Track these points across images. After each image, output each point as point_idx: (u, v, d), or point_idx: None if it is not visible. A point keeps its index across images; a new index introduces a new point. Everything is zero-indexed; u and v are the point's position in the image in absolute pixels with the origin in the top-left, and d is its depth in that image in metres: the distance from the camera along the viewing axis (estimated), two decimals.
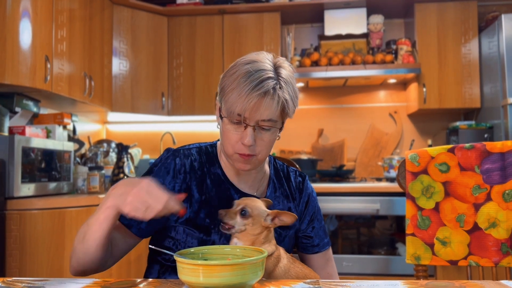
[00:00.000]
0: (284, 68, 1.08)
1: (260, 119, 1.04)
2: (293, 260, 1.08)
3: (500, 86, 3.02)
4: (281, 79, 1.05)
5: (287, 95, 1.05)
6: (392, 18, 3.73)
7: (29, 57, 2.34)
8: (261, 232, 1.00)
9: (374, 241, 3.32)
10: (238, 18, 3.57)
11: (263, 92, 1.01)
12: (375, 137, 3.76)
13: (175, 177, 1.12)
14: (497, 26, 3.04)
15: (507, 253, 1.22)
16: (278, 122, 1.07)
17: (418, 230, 1.30)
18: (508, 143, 1.26)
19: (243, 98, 1.01)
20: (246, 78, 1.02)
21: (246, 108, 1.01)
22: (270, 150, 1.11)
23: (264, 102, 1.02)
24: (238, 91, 1.02)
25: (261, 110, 1.02)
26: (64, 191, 2.64)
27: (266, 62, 1.06)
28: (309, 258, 1.25)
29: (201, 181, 1.13)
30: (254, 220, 0.98)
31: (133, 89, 3.45)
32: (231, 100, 1.03)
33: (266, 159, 1.24)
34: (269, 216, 1.01)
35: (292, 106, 1.08)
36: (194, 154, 1.16)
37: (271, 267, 0.99)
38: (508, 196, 1.23)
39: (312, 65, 3.41)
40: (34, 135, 2.47)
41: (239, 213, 0.99)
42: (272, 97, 1.02)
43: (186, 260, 0.80)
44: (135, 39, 3.47)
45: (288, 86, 1.06)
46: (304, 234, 1.24)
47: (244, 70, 1.04)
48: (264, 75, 1.02)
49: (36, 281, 0.94)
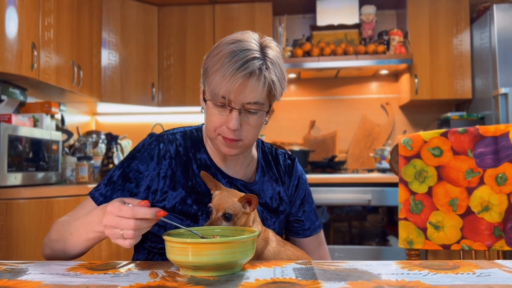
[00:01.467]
0: (271, 48, 1.03)
1: (246, 102, 0.99)
2: (284, 243, 1.05)
3: (491, 77, 3.03)
4: (267, 59, 1.00)
5: (274, 76, 1.00)
6: (384, 8, 3.71)
7: (15, 43, 2.29)
8: (246, 219, 0.97)
9: (365, 233, 3.32)
10: (230, 8, 3.53)
11: (248, 73, 0.96)
12: (366, 128, 3.75)
13: (159, 163, 1.07)
14: (489, 17, 3.04)
15: (499, 237, 1.22)
16: (265, 105, 1.02)
17: (410, 215, 1.28)
18: (501, 127, 1.25)
19: (227, 79, 0.96)
20: (231, 58, 0.97)
21: (231, 90, 0.96)
22: (258, 134, 1.07)
23: (249, 84, 0.96)
24: (222, 72, 0.97)
25: (246, 92, 0.97)
26: (52, 181, 2.60)
27: (251, 41, 1.01)
28: (301, 242, 1.23)
29: (187, 167, 1.09)
30: (237, 215, 0.96)
31: (122, 79, 3.40)
32: (215, 82, 0.98)
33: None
34: (245, 203, 0.97)
35: (280, 88, 1.03)
36: (179, 139, 1.12)
37: (260, 249, 0.97)
38: (501, 180, 1.23)
39: (304, 55, 3.39)
40: (20, 124, 2.42)
41: (222, 219, 0.95)
42: (258, 78, 0.97)
43: (175, 239, 0.78)
44: (125, 28, 3.42)
45: (275, 67, 1.01)
46: (295, 218, 1.22)
47: (228, 50, 0.98)
48: (250, 55, 0.97)
49: (19, 264, 0.91)
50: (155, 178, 1.07)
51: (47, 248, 1.05)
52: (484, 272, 0.79)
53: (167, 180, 1.07)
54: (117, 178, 1.07)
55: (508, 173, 1.21)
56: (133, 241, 0.84)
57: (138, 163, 1.07)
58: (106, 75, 3.32)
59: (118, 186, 1.06)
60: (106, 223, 0.84)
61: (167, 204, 1.06)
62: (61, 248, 1.01)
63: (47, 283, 0.75)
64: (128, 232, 0.83)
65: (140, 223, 0.83)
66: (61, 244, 1.00)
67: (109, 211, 0.84)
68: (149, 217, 0.83)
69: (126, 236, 0.83)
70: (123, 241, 0.84)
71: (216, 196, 0.99)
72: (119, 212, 0.83)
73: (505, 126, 1.25)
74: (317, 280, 0.75)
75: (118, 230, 0.83)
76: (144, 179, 1.06)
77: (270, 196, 1.15)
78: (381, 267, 0.84)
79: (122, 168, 1.08)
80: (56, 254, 1.03)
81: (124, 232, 0.83)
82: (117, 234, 0.84)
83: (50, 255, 1.04)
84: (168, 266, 0.87)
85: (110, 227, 0.84)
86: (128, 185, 1.06)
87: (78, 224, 0.97)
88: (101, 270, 0.84)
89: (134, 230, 0.83)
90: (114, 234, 0.84)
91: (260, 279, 0.76)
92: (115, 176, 1.07)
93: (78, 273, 0.82)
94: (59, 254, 1.02)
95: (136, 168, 1.07)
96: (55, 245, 1.02)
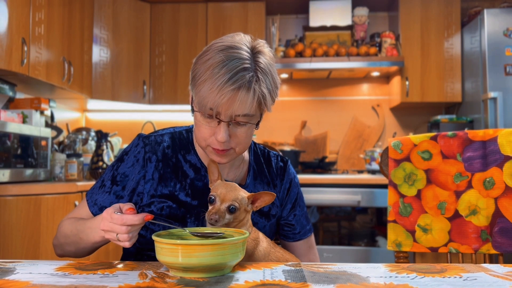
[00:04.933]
0: (263, 54, 0.99)
1: (235, 114, 0.95)
2: (274, 245, 1.06)
3: (481, 81, 3.06)
4: (258, 70, 0.95)
5: (264, 88, 0.96)
6: (377, 11, 3.73)
7: (5, 39, 2.26)
8: (244, 217, 0.97)
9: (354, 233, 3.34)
10: (223, 6, 3.52)
11: (237, 87, 0.92)
12: (357, 129, 3.77)
13: (145, 166, 1.07)
14: (479, 21, 3.07)
15: (486, 240, 1.23)
16: (254, 116, 0.99)
17: (399, 217, 1.30)
18: (489, 132, 1.27)
19: (215, 92, 0.92)
20: (219, 69, 0.92)
21: (219, 103, 0.92)
22: (249, 142, 1.04)
23: (238, 97, 0.93)
24: (210, 84, 0.92)
25: (235, 105, 0.93)
26: (40, 178, 2.57)
27: (243, 48, 0.96)
28: (291, 245, 1.22)
29: (176, 169, 1.08)
30: (240, 210, 0.95)
31: (113, 76, 3.38)
32: (203, 93, 0.94)
33: None
34: (249, 201, 0.96)
35: (270, 100, 0.99)
36: (167, 141, 1.10)
37: (250, 250, 0.97)
38: (488, 184, 1.24)
39: (296, 56, 3.40)
40: (9, 120, 2.39)
41: (227, 211, 0.93)
42: (248, 91, 0.93)
43: (164, 240, 0.78)
44: (117, 25, 3.40)
45: (267, 76, 0.97)
46: (285, 221, 1.21)
47: (218, 59, 0.93)
48: (240, 66, 0.93)
49: (7, 263, 0.90)
50: (140, 181, 1.07)
51: (58, 249, 1.12)
52: (471, 276, 0.80)
53: (154, 183, 1.07)
54: (107, 181, 1.10)
55: (495, 177, 1.23)
56: (130, 242, 0.90)
57: (125, 166, 1.08)
58: (97, 72, 3.29)
59: (107, 188, 1.10)
60: (103, 228, 0.91)
61: (154, 208, 1.06)
62: (72, 250, 1.09)
63: (35, 283, 0.75)
64: (122, 236, 0.89)
65: (131, 228, 0.89)
66: (72, 247, 1.07)
67: (104, 217, 0.91)
68: (137, 223, 0.88)
69: (122, 239, 0.89)
70: (121, 243, 0.90)
71: (220, 186, 0.96)
72: (111, 219, 0.89)
73: (494, 131, 1.26)
74: (306, 282, 0.75)
75: (113, 234, 0.90)
76: (129, 182, 1.08)
77: None
78: (370, 270, 0.85)
79: (113, 170, 1.10)
80: (68, 255, 1.12)
81: (119, 236, 0.89)
82: (113, 237, 0.90)
83: (62, 255, 1.13)
84: (158, 267, 0.87)
85: (107, 231, 0.91)
86: (115, 188, 1.08)
87: (86, 229, 1.02)
88: (90, 270, 0.84)
89: (127, 234, 0.89)
90: (112, 237, 0.91)
91: (249, 281, 0.76)
92: (106, 179, 1.10)
93: (66, 273, 0.82)
94: (70, 255, 1.11)
95: (123, 171, 1.08)
96: (66, 248, 1.10)
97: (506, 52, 2.95)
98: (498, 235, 1.20)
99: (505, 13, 2.99)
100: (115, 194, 1.08)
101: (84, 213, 1.11)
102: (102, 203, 1.09)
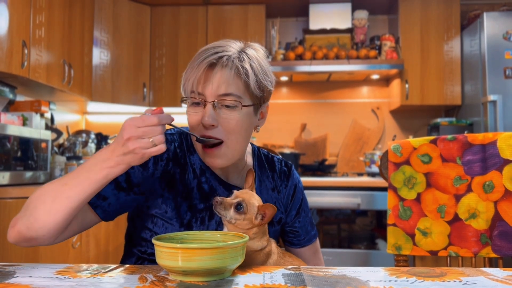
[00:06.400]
0: (253, 49, 1.01)
1: (217, 94, 0.94)
2: (283, 254, 1.04)
3: (480, 84, 3.07)
4: (243, 53, 0.97)
5: (247, 64, 0.95)
6: (376, 14, 3.74)
7: (5, 41, 2.26)
8: (251, 228, 0.96)
9: (354, 236, 3.34)
10: (223, 9, 3.53)
11: (214, 59, 0.93)
12: (357, 132, 3.78)
13: (156, 163, 1.03)
14: (479, 25, 3.08)
15: (486, 244, 1.23)
16: (243, 98, 0.97)
17: (399, 221, 1.30)
18: (489, 135, 1.27)
19: (194, 69, 0.94)
20: (201, 54, 0.96)
21: (198, 80, 0.93)
22: (244, 137, 1.00)
23: (215, 71, 0.93)
24: (190, 67, 0.96)
25: (213, 80, 0.93)
26: (40, 181, 2.57)
27: (230, 45, 0.99)
28: (296, 251, 1.21)
29: (183, 171, 1.06)
30: (246, 216, 0.94)
31: (113, 78, 3.38)
32: (185, 78, 0.97)
33: (248, 150, 1.17)
34: (259, 215, 0.95)
35: (254, 78, 0.97)
36: (177, 139, 1.09)
37: (260, 263, 0.96)
38: (488, 188, 1.24)
39: (296, 58, 3.40)
40: (9, 123, 2.39)
41: (234, 207, 0.93)
42: (225, 65, 0.93)
43: (164, 244, 0.78)
44: (117, 27, 3.40)
45: (252, 60, 0.97)
46: (290, 228, 1.19)
47: (202, 48, 0.98)
48: (222, 49, 0.95)
49: (7, 266, 0.90)
50: (148, 177, 1.02)
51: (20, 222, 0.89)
52: (470, 280, 0.81)
53: (162, 182, 1.03)
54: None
55: (495, 181, 1.23)
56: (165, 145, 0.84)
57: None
58: (97, 74, 3.30)
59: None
60: (131, 135, 0.82)
61: (159, 209, 1.02)
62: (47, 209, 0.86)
63: (35, 286, 0.75)
64: (158, 137, 0.83)
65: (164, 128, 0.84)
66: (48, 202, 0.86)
67: (129, 124, 0.83)
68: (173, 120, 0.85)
69: (158, 142, 0.83)
70: (155, 148, 0.83)
71: (241, 191, 0.98)
72: (143, 122, 0.82)
73: (493, 135, 1.26)
74: (306, 286, 0.75)
75: (146, 140, 0.82)
76: (134, 175, 1.01)
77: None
78: (370, 273, 0.85)
79: None
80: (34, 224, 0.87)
81: (154, 138, 0.83)
82: (146, 143, 0.82)
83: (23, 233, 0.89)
84: (158, 271, 0.87)
85: (135, 138, 0.82)
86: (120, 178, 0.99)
87: (74, 173, 0.88)
88: (90, 273, 0.84)
89: (162, 134, 0.83)
90: (142, 144, 0.82)
91: (249, 285, 0.76)
92: None
93: (66, 276, 0.82)
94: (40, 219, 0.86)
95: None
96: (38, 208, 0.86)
97: (505, 55, 2.96)
98: (498, 238, 1.20)
99: (504, 16, 3.00)
100: (119, 186, 0.99)
101: None
102: (102, 193, 0.98)
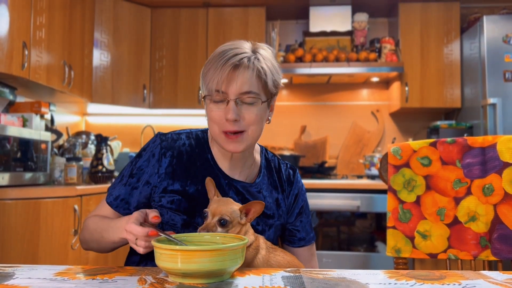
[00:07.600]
0: (264, 49, 1.10)
1: (240, 92, 1.03)
2: (274, 249, 1.06)
3: (480, 87, 3.07)
4: (258, 54, 1.07)
5: (264, 64, 1.06)
6: (376, 16, 3.75)
7: (6, 42, 2.27)
8: (240, 229, 0.98)
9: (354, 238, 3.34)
10: (223, 11, 3.53)
11: (237, 61, 1.02)
12: (357, 134, 3.78)
13: (160, 160, 1.12)
14: (479, 28, 3.08)
15: (485, 247, 1.23)
16: (260, 95, 1.06)
17: (399, 223, 1.30)
18: (488, 138, 1.27)
19: (218, 71, 1.02)
20: (222, 55, 1.04)
21: (222, 80, 1.02)
22: (261, 127, 1.10)
23: (238, 72, 1.02)
24: (213, 67, 1.04)
25: (237, 80, 1.02)
26: (40, 182, 2.57)
27: (243, 45, 1.08)
28: (294, 251, 1.24)
29: (189, 166, 1.13)
30: (233, 224, 0.96)
31: (114, 80, 3.39)
32: (208, 78, 1.04)
33: (257, 148, 1.24)
34: (243, 214, 0.98)
35: (271, 77, 1.08)
36: (183, 139, 1.16)
37: (249, 258, 0.97)
38: (487, 190, 1.24)
39: (296, 61, 3.41)
40: (9, 124, 2.40)
41: (218, 224, 0.96)
42: (247, 66, 1.03)
43: (164, 246, 0.78)
44: (117, 29, 3.40)
45: (266, 60, 1.07)
46: (292, 227, 1.23)
47: (220, 50, 1.07)
48: (240, 51, 1.05)
49: (6, 267, 0.90)
50: (154, 174, 1.11)
51: (84, 244, 1.20)
52: (470, 283, 0.81)
53: (167, 177, 1.11)
54: (126, 176, 1.15)
55: (495, 184, 1.23)
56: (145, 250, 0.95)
57: (142, 160, 1.14)
58: (97, 76, 3.30)
59: (124, 181, 1.15)
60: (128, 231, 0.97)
61: (164, 200, 1.10)
62: (95, 247, 1.16)
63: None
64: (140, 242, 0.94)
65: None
66: (95, 244, 1.14)
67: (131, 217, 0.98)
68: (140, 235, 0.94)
69: (138, 245, 0.95)
70: (137, 248, 0.95)
71: (214, 202, 1.00)
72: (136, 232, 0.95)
73: (493, 138, 1.26)
74: None
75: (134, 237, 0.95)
76: (144, 175, 1.13)
77: (268, 201, 1.17)
78: (369, 276, 0.85)
79: (131, 166, 1.16)
80: (92, 250, 1.19)
81: (137, 241, 0.95)
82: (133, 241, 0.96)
83: (87, 249, 1.21)
84: (157, 272, 0.87)
85: (129, 233, 0.96)
86: (131, 180, 1.14)
87: (108, 228, 1.08)
88: (89, 275, 0.84)
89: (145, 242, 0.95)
90: (131, 240, 0.96)
91: (248, 287, 0.76)
92: (125, 174, 1.16)
93: (66, 278, 0.82)
94: (94, 250, 1.19)
95: (139, 165, 1.14)
96: (90, 244, 1.17)
97: (505, 58, 2.96)
98: (497, 241, 1.20)
99: (504, 19, 3.01)
100: (130, 185, 1.14)
101: (107, 210, 1.16)
102: (117, 193, 1.15)
